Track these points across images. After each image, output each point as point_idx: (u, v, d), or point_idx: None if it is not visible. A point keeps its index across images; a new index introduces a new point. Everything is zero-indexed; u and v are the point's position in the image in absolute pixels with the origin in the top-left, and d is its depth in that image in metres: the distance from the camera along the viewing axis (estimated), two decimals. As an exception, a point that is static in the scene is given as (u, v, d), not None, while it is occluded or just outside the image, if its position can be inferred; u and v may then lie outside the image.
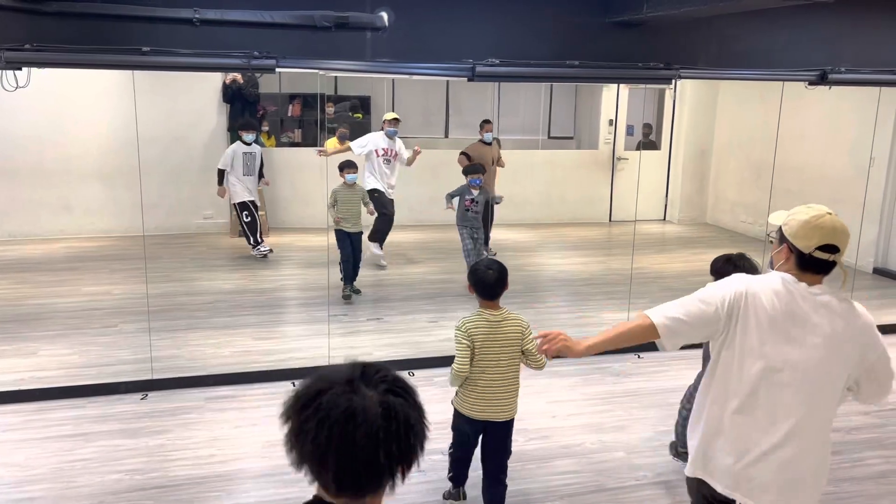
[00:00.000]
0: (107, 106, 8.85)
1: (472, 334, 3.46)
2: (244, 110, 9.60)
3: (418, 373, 5.36)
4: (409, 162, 8.20)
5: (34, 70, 4.62)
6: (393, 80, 10.72)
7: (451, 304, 6.99)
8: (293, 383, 5.21)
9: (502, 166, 8.91)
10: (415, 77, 7.34)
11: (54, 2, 4.32)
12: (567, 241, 9.96)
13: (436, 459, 4.14)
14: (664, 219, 11.67)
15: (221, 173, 8.27)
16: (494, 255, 8.59)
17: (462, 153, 8.67)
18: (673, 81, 5.60)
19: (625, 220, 11.11)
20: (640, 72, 5.40)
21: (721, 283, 2.28)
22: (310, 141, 10.93)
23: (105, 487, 3.91)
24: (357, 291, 7.20)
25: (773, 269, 2.29)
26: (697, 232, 10.93)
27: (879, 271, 8.50)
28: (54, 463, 4.13)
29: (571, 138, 12.43)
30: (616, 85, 10.94)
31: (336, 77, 10.51)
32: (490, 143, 8.62)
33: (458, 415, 3.64)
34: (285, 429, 1.27)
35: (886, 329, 6.63)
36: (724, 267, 3.68)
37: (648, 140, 11.72)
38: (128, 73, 5.77)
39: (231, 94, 9.47)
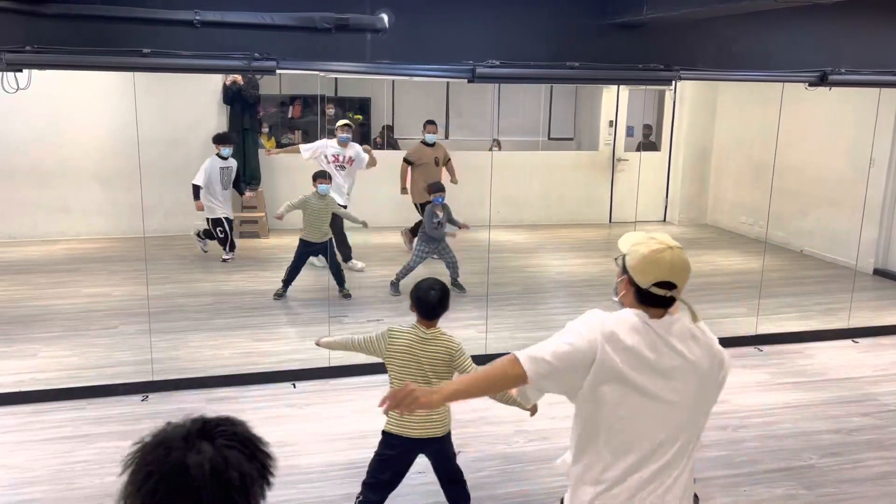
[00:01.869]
0: (105, 108, 8.85)
1: (391, 344, 3.37)
2: (244, 112, 9.59)
3: (418, 374, 5.36)
4: (370, 164, 8.19)
5: (34, 72, 4.62)
6: (393, 81, 10.74)
7: (451, 306, 6.97)
8: (293, 385, 5.19)
9: (452, 174, 8.77)
10: (415, 78, 7.34)
11: (54, 4, 4.33)
12: (567, 242, 9.96)
13: (436, 461, 4.14)
14: (664, 220, 11.67)
15: (197, 189, 8.12)
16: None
17: (404, 159, 8.70)
18: (673, 83, 5.60)
19: (625, 221, 11.10)
20: (640, 73, 5.40)
21: (581, 323, 2.14)
22: (311, 142, 10.92)
23: (104, 489, 3.90)
24: (348, 295, 7.20)
25: (616, 297, 2.25)
26: (697, 233, 10.93)
27: (880, 272, 8.50)
28: (54, 465, 4.13)
29: (571, 139, 12.43)
30: (616, 86, 10.94)
31: (336, 79, 10.50)
32: (432, 145, 8.60)
33: (386, 438, 3.43)
34: (122, 481, 1.27)
35: (886, 330, 6.64)
36: None
37: (648, 141, 11.72)
38: (126, 74, 5.76)
39: (231, 96, 9.47)
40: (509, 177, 10.40)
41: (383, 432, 3.45)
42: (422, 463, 4.20)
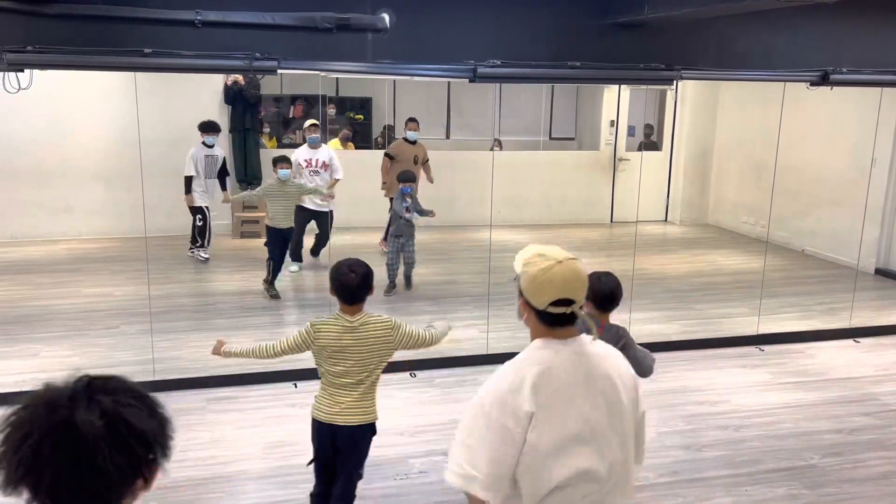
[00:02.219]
0: (107, 107, 8.86)
1: (320, 340, 3.21)
2: (245, 112, 9.60)
3: (419, 374, 5.36)
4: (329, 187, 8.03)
5: (35, 72, 4.62)
6: (394, 81, 10.74)
7: (451, 305, 6.99)
8: (294, 384, 5.17)
9: (428, 172, 8.77)
10: (416, 78, 7.34)
11: (56, 4, 4.33)
12: (568, 242, 9.95)
13: (437, 461, 4.14)
14: (665, 220, 11.66)
15: (189, 180, 8.13)
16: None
17: (385, 154, 8.70)
18: (674, 82, 5.60)
19: (626, 220, 11.09)
20: (642, 73, 5.40)
21: (490, 403, 1.94)
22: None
23: (106, 489, 3.90)
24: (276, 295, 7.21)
25: (520, 319, 2.11)
26: (699, 233, 10.93)
27: (881, 272, 8.49)
28: (56, 464, 4.13)
29: (573, 139, 12.43)
30: (617, 86, 10.94)
31: (337, 78, 10.51)
32: (413, 142, 8.60)
33: (312, 421, 3.38)
34: None
35: (887, 330, 6.63)
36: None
37: (650, 141, 11.72)
38: (128, 74, 5.76)
39: (232, 96, 9.48)
40: (510, 177, 10.36)
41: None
42: (423, 462, 4.21)
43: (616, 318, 3.63)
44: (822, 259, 9.11)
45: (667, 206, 11.66)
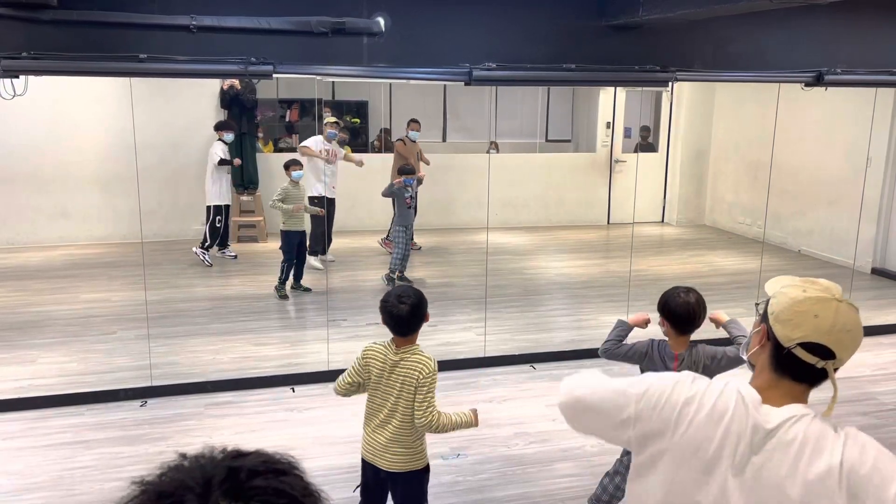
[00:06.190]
0: (104, 113, 8.86)
1: (368, 363, 3.03)
2: (241, 116, 9.61)
3: (418, 377, 5.36)
4: (353, 161, 8.47)
5: (31, 78, 4.62)
6: (390, 84, 10.76)
7: (450, 308, 6.99)
8: (292, 389, 5.17)
9: (426, 163, 9.26)
10: (412, 81, 7.35)
11: (51, 10, 4.33)
12: (565, 244, 9.97)
13: (436, 463, 4.14)
14: (662, 221, 11.68)
15: (224, 162, 8.35)
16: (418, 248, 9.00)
17: (397, 151, 9.08)
18: (669, 84, 5.61)
19: (623, 222, 11.12)
20: (637, 74, 5.41)
21: (656, 379, 1.64)
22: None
23: (105, 495, 3.90)
24: (307, 289, 7.39)
25: (745, 353, 1.74)
26: (696, 234, 10.94)
27: (878, 272, 8.51)
28: (54, 471, 4.12)
29: (569, 141, 12.46)
30: (613, 87, 10.97)
31: (333, 82, 10.53)
32: (415, 141, 9.02)
33: (362, 462, 3.20)
34: None
35: (885, 329, 6.64)
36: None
37: (646, 142, 11.74)
38: (124, 80, 5.78)
39: (229, 100, 9.48)
40: (507, 179, 10.41)
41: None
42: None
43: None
44: (819, 259, 9.13)
45: (663, 208, 11.68)
